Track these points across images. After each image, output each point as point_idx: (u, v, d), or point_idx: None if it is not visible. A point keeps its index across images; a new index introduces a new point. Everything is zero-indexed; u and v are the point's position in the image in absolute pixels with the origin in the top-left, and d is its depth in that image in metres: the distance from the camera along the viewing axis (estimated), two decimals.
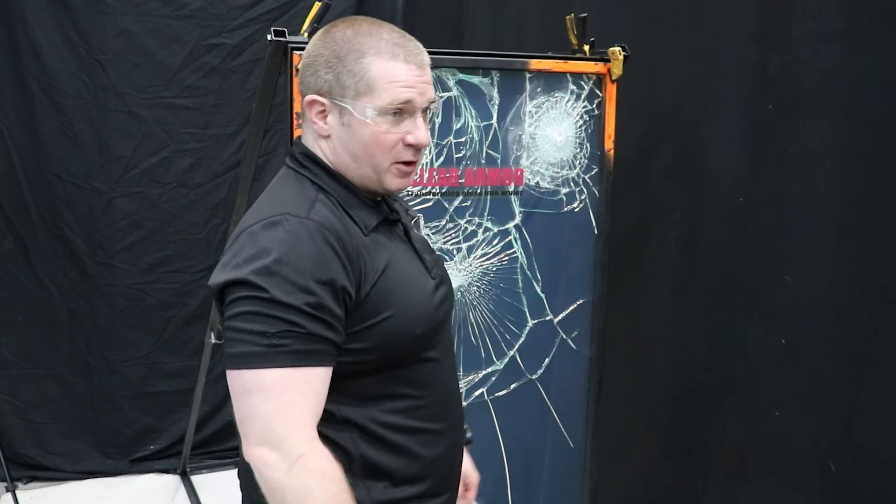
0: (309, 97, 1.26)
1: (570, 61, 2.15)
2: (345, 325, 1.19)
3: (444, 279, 1.38)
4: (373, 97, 1.23)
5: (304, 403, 1.14)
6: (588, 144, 2.21)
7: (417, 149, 1.27)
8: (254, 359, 1.13)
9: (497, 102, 2.10)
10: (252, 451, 1.13)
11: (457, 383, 1.41)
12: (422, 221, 1.44)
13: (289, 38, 1.84)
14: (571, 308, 2.27)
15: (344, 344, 1.19)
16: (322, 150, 1.29)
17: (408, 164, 1.27)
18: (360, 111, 1.23)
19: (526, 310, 2.23)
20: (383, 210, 1.32)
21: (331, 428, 1.21)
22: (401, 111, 1.23)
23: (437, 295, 1.32)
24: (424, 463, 1.30)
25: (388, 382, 1.25)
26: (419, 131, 1.25)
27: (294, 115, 1.86)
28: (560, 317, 2.26)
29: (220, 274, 1.18)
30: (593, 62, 2.16)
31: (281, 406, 1.13)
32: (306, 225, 1.17)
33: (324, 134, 1.27)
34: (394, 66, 1.22)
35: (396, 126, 1.24)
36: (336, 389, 1.19)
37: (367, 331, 1.21)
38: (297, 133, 1.87)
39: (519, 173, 2.16)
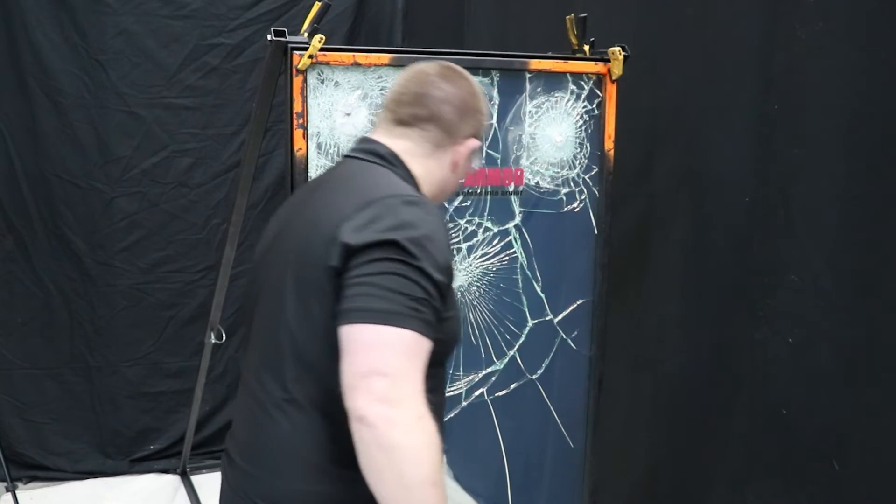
0: (477, 143, 1.46)
1: (570, 61, 2.15)
2: None
3: None
4: (480, 149, 1.50)
5: (422, 370, 1.17)
6: (588, 144, 2.21)
7: None
8: (398, 317, 1.15)
9: (497, 102, 2.10)
10: (374, 408, 1.11)
11: None
12: None
13: (289, 38, 1.84)
14: (571, 308, 2.27)
15: None
16: (424, 168, 1.42)
17: None
18: (477, 158, 1.50)
19: (526, 310, 2.23)
20: None
21: None
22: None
23: None
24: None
25: (432, 377, 1.28)
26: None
27: (294, 115, 1.86)
28: (560, 317, 2.26)
29: (361, 234, 1.20)
30: (593, 62, 2.16)
31: (410, 367, 1.15)
32: (437, 211, 1.29)
33: (457, 170, 1.46)
34: None
35: None
36: None
37: (443, 323, 1.25)
38: (296, 133, 1.87)
39: (519, 173, 2.16)
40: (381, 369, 1.13)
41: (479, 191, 2.13)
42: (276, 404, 1.28)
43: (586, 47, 2.18)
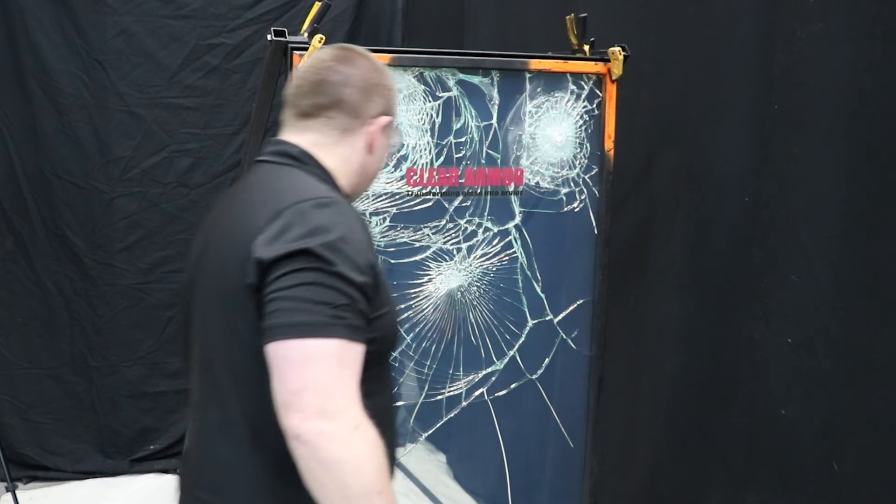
0: (388, 119, 1.40)
1: (570, 61, 2.15)
2: None
3: None
4: (394, 124, 1.45)
5: (356, 377, 1.15)
6: (588, 144, 2.21)
7: None
8: (320, 328, 1.13)
9: (497, 102, 2.10)
10: (309, 424, 1.10)
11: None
12: None
13: (289, 38, 1.84)
14: (571, 308, 2.27)
15: None
16: (339, 157, 1.37)
17: None
18: (395, 134, 1.46)
19: (526, 310, 2.23)
20: None
21: None
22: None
23: None
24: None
25: (373, 378, 1.28)
26: None
27: None
28: (560, 317, 2.26)
29: (273, 246, 1.17)
30: (593, 62, 2.16)
31: (341, 377, 1.13)
32: (353, 210, 1.27)
33: (374, 151, 1.40)
34: None
35: None
36: None
37: (376, 321, 1.24)
38: None
39: (519, 173, 2.16)
40: (311, 384, 1.11)
41: (479, 191, 2.13)
42: (218, 428, 1.26)
43: (586, 47, 2.18)
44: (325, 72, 1.37)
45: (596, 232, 2.25)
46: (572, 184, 2.21)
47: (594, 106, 2.19)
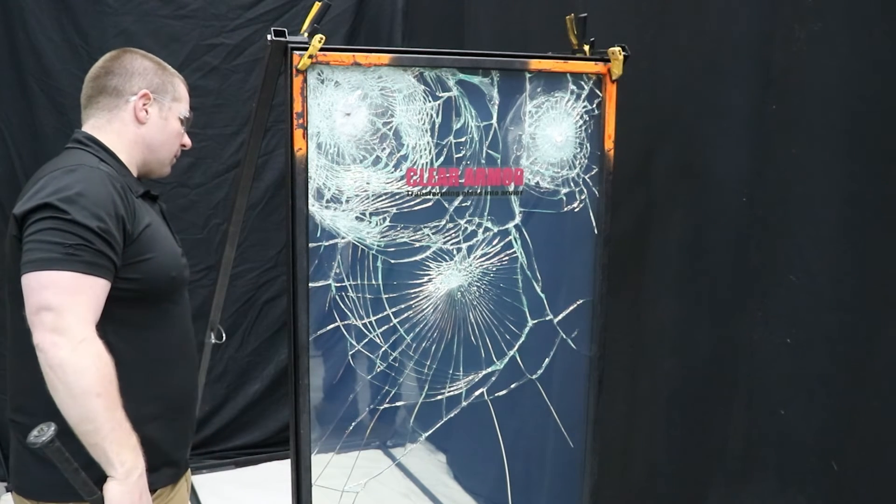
0: (144, 91, 1.71)
1: (570, 61, 2.15)
2: (122, 254, 1.51)
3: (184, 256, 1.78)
4: (181, 105, 1.80)
5: (88, 303, 1.43)
6: (588, 144, 2.21)
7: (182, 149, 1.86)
8: (53, 262, 1.42)
9: (497, 102, 2.10)
10: (45, 336, 1.38)
11: (192, 333, 1.80)
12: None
13: (289, 38, 1.84)
14: (571, 308, 2.27)
15: (119, 273, 1.51)
16: (114, 133, 1.69)
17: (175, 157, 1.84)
18: (176, 111, 1.79)
19: (526, 310, 2.23)
20: (147, 185, 1.74)
21: None
22: (185, 121, 1.82)
23: (184, 259, 1.73)
24: (166, 387, 1.66)
25: (153, 317, 1.62)
26: (187, 138, 1.87)
27: (294, 115, 1.87)
28: (560, 317, 2.26)
29: (25, 204, 1.48)
30: (593, 62, 2.16)
31: (70, 301, 1.41)
32: (98, 172, 1.55)
33: (143, 121, 1.71)
34: (186, 92, 1.84)
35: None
36: (106, 316, 1.47)
37: (137, 265, 1.55)
38: (296, 133, 1.87)
39: (519, 173, 2.16)
40: (45, 306, 1.39)
41: (479, 191, 2.13)
42: (18, 356, 1.56)
43: (586, 47, 2.18)
44: (94, 70, 1.71)
45: (596, 232, 2.25)
46: (572, 184, 2.21)
47: (594, 106, 2.19)
